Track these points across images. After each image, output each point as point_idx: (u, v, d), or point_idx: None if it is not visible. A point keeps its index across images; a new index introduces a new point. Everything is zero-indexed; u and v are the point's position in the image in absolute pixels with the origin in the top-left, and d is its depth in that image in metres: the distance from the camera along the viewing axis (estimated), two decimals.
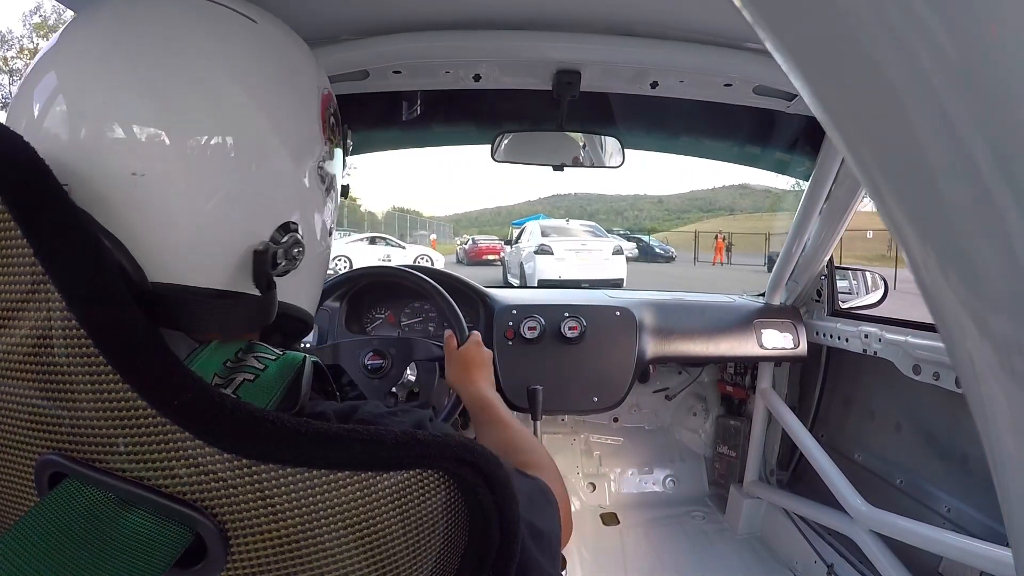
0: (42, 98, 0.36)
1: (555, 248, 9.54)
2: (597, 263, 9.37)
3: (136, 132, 0.34)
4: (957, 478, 1.13)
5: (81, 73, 0.36)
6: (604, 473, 1.80)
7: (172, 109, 0.35)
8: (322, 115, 0.44)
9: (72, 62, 0.36)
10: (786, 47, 0.18)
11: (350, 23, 0.95)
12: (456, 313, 1.01)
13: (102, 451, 0.30)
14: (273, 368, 0.37)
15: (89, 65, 0.36)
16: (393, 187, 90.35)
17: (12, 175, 0.30)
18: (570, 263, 9.21)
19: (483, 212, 54.88)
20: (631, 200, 59.75)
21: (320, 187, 0.44)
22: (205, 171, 0.36)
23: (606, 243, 10.13)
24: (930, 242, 0.18)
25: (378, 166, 74.34)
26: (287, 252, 0.40)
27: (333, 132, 0.46)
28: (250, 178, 0.38)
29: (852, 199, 1.28)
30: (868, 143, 0.19)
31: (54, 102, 0.35)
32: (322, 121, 0.44)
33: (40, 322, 0.30)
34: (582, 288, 1.47)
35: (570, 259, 9.33)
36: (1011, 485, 0.20)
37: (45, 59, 0.37)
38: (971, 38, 0.14)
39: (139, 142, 0.34)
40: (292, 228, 0.41)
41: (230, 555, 0.31)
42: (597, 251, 9.65)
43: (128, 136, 0.34)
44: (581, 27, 0.98)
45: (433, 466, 0.33)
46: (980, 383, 0.19)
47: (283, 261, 0.40)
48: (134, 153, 0.34)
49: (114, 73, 0.35)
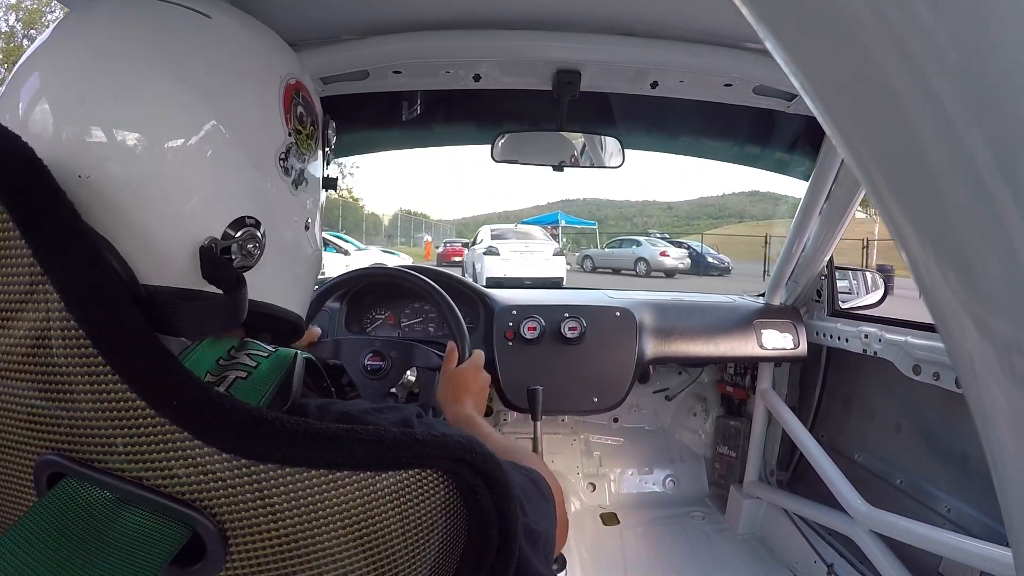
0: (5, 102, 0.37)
1: (501, 250, 10.78)
2: (538, 263, 10.55)
3: (78, 136, 0.34)
4: (957, 478, 1.13)
5: (35, 78, 0.36)
6: (604, 473, 1.80)
7: (110, 112, 0.35)
8: (285, 105, 0.43)
9: (26, 67, 0.37)
10: (786, 47, 0.18)
11: (350, 23, 0.95)
12: (456, 314, 1.01)
13: (101, 451, 0.30)
14: (265, 365, 0.37)
15: (42, 69, 0.36)
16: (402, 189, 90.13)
17: (11, 175, 0.30)
18: (514, 263, 10.40)
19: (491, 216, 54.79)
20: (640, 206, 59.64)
21: (284, 179, 0.43)
22: (148, 170, 0.35)
23: (547, 246, 11.30)
24: (930, 242, 0.18)
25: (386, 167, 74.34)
26: (241, 248, 0.39)
27: (301, 123, 0.45)
28: (196, 174, 0.37)
29: (852, 199, 1.28)
30: (868, 143, 0.19)
31: (17, 105, 0.36)
32: (285, 111, 0.43)
33: (39, 322, 0.30)
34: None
35: (514, 259, 10.53)
36: (1011, 485, 0.20)
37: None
38: (971, 38, 0.14)
39: (83, 145, 0.34)
40: (248, 223, 0.39)
41: (229, 555, 0.31)
42: (539, 252, 10.83)
43: (72, 140, 0.34)
44: (581, 27, 0.98)
45: (432, 466, 0.33)
46: (980, 383, 0.19)
47: (237, 257, 0.39)
48: (80, 156, 0.34)
49: (60, 79, 0.36)
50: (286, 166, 0.43)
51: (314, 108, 0.48)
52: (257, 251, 0.40)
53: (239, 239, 0.39)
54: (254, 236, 0.40)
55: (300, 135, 0.45)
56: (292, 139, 0.43)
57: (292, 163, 0.44)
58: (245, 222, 0.39)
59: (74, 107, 0.35)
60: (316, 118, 0.48)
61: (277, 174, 0.42)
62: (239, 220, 0.39)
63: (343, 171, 49.57)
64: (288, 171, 0.43)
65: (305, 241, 0.47)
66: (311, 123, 0.47)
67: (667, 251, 15.47)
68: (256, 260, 0.40)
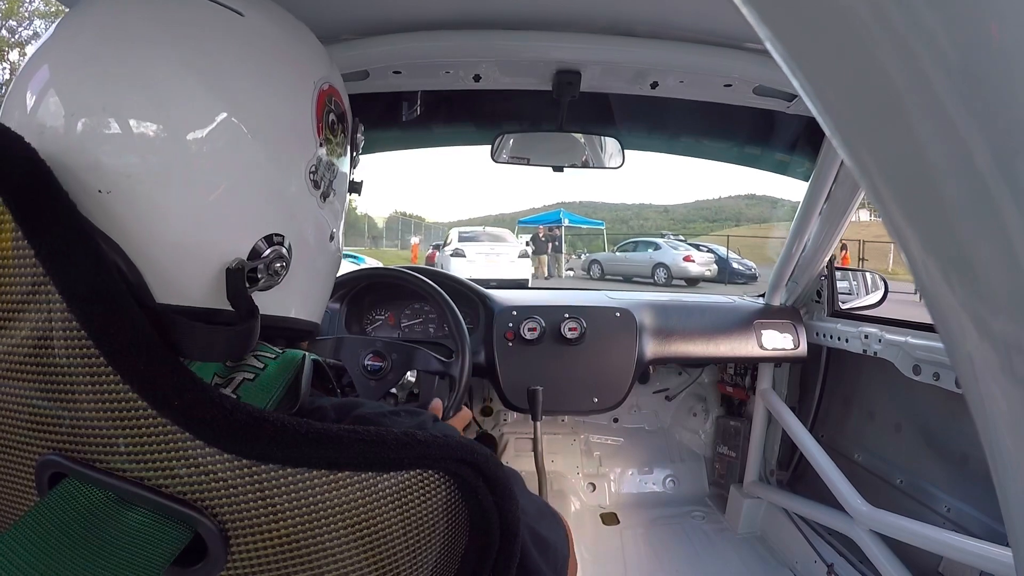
0: (11, 104, 0.35)
1: (467, 252, 11.08)
2: (503, 265, 10.80)
3: (101, 149, 0.32)
4: (957, 478, 1.13)
5: (49, 80, 0.34)
6: (604, 473, 1.80)
7: (132, 124, 0.33)
8: (318, 113, 0.40)
9: (36, 68, 0.35)
10: (786, 48, 0.18)
11: (350, 23, 0.95)
12: (456, 315, 1.01)
13: (102, 451, 0.30)
14: (272, 367, 0.37)
15: (57, 70, 0.34)
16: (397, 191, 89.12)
17: (14, 176, 0.30)
18: (479, 265, 10.63)
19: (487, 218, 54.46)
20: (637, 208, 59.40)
21: (313, 192, 0.41)
22: (171, 186, 0.33)
23: (512, 248, 11.61)
24: (930, 243, 0.18)
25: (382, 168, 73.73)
26: (268, 267, 0.37)
27: (333, 131, 0.42)
28: (222, 189, 0.35)
29: (852, 199, 1.28)
30: (867, 144, 0.19)
31: (26, 108, 0.34)
32: (317, 120, 0.40)
33: (41, 323, 0.30)
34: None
35: (480, 261, 10.76)
36: (1011, 485, 0.20)
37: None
38: (971, 38, 0.14)
39: (101, 160, 0.32)
40: (276, 241, 0.38)
41: (230, 555, 0.31)
42: (504, 255, 11.14)
43: (94, 153, 0.32)
44: (581, 27, 0.98)
45: (434, 466, 0.33)
46: (980, 383, 0.19)
47: (263, 277, 0.37)
48: (97, 171, 0.32)
49: (77, 84, 0.33)
50: (316, 179, 0.41)
51: (346, 113, 0.45)
52: (283, 271, 0.39)
53: (266, 259, 0.37)
54: (281, 255, 0.38)
55: (331, 144, 0.42)
56: (323, 149, 0.41)
57: (322, 175, 0.41)
58: (273, 240, 0.37)
59: (95, 112, 0.33)
60: (347, 123, 0.46)
61: (306, 188, 0.40)
62: (267, 238, 0.37)
63: None
64: (318, 184, 0.41)
65: (328, 251, 0.45)
66: (342, 130, 0.44)
67: (692, 255, 13.12)
68: (282, 279, 0.39)
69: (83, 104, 0.33)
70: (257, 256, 0.37)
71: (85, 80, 0.33)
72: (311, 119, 0.40)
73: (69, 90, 0.33)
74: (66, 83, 0.34)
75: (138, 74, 0.33)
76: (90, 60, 0.33)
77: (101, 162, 0.32)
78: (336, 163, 0.44)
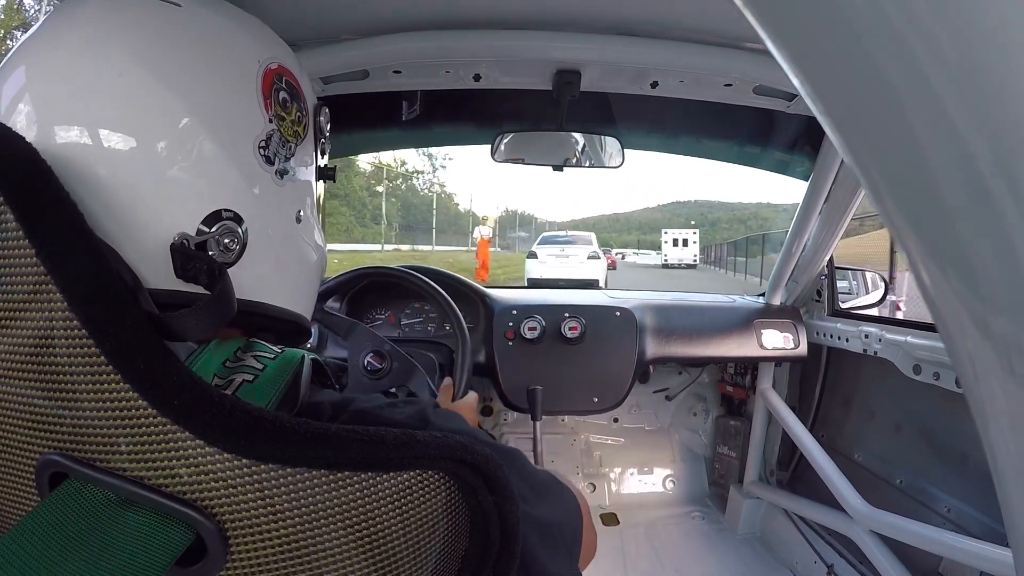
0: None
1: (539, 253, 12.87)
2: (573, 266, 12.35)
3: (54, 133, 0.34)
4: (957, 478, 1.13)
5: (19, 73, 0.36)
6: (604, 473, 1.80)
7: (80, 109, 0.34)
8: (263, 90, 0.41)
9: (12, 64, 0.37)
10: (786, 47, 0.18)
11: (350, 23, 0.95)
12: (457, 314, 1.00)
13: (103, 451, 0.30)
14: (272, 367, 0.37)
15: (27, 65, 0.36)
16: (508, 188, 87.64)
17: (14, 175, 0.30)
18: (550, 265, 12.36)
19: (600, 219, 53.67)
20: (754, 208, 58.52)
21: (266, 168, 0.41)
22: (119, 167, 0.35)
23: (582, 250, 13.06)
24: (930, 242, 0.18)
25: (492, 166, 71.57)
26: (218, 243, 0.37)
27: (285, 108, 0.43)
28: (167, 169, 0.36)
29: (852, 199, 1.28)
30: (867, 143, 0.19)
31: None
32: (264, 97, 0.41)
33: (42, 322, 0.30)
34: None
35: (551, 262, 12.49)
36: (1011, 485, 0.20)
37: None
38: (971, 38, 0.14)
39: (66, 147, 0.34)
40: (225, 217, 0.38)
41: (230, 555, 0.31)
42: (573, 256, 12.67)
43: (57, 138, 0.34)
44: (581, 27, 0.98)
45: (433, 467, 0.33)
46: (980, 383, 0.19)
47: (215, 253, 0.37)
48: (59, 158, 0.33)
49: (34, 80, 0.36)
50: (268, 155, 0.41)
51: (301, 93, 0.45)
52: (235, 246, 0.38)
53: (214, 234, 0.37)
54: (231, 230, 0.38)
55: (284, 122, 0.42)
56: (274, 126, 0.41)
57: (275, 151, 0.41)
58: (221, 216, 0.38)
59: (61, 103, 0.35)
60: (304, 103, 0.46)
61: (257, 164, 0.40)
62: (214, 214, 0.37)
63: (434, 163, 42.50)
64: (271, 160, 0.41)
65: (297, 235, 0.45)
66: (297, 109, 0.44)
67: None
68: (236, 255, 0.39)
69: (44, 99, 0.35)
70: (204, 233, 0.37)
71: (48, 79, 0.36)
72: (256, 95, 0.40)
73: (34, 89, 0.35)
74: (32, 82, 0.36)
75: (91, 69, 0.35)
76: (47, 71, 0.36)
77: (62, 152, 0.34)
78: (292, 142, 0.44)
